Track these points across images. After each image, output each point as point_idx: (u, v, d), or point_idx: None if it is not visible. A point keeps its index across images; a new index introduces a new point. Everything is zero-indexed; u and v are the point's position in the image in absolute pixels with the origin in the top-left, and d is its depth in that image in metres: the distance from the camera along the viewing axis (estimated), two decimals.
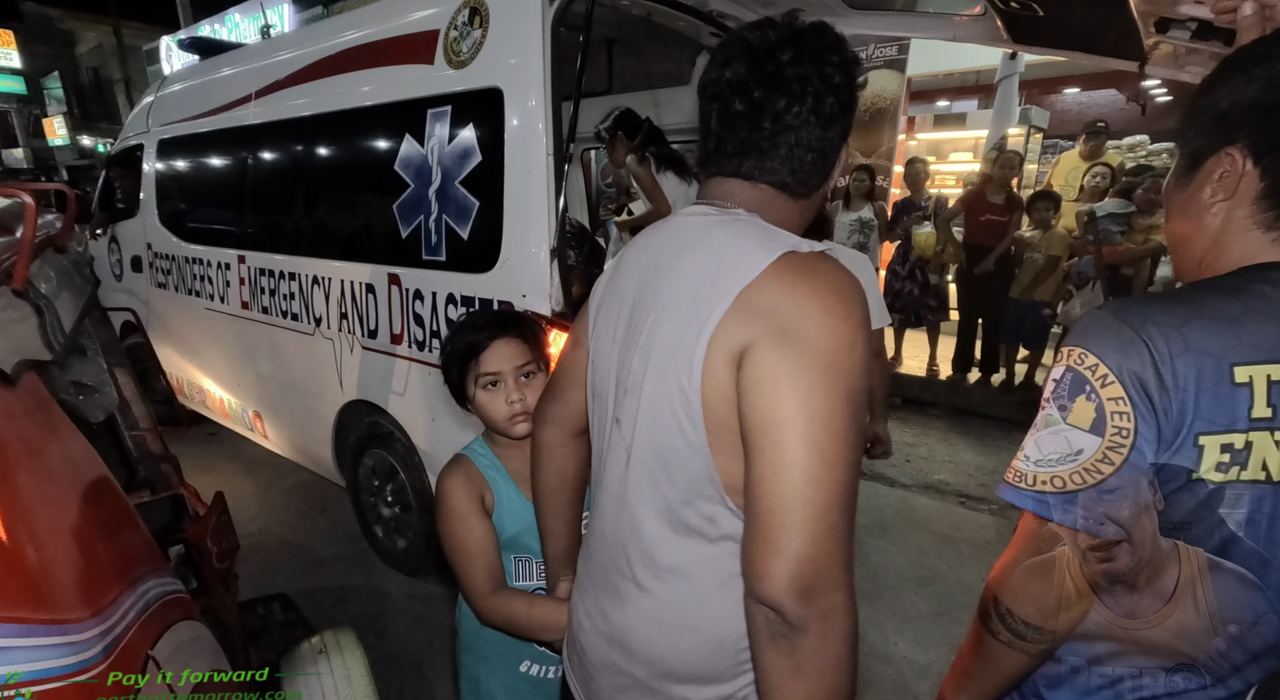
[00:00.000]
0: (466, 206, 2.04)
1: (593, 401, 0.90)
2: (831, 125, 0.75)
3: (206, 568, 1.55)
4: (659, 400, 0.74)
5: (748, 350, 0.67)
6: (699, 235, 0.78)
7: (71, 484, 0.81)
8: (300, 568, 2.81)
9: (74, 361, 1.18)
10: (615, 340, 0.84)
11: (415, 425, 2.38)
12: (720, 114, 0.76)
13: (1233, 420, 0.61)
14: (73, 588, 0.73)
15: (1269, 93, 0.63)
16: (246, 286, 3.04)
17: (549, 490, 1.02)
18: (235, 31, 11.23)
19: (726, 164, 0.79)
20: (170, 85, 3.75)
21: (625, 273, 0.86)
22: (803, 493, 0.62)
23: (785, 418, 0.63)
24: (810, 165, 0.77)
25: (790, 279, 0.68)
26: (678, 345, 0.72)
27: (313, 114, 2.61)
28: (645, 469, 0.77)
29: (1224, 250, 0.69)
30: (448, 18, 2.08)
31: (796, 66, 0.72)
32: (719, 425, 0.70)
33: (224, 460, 3.84)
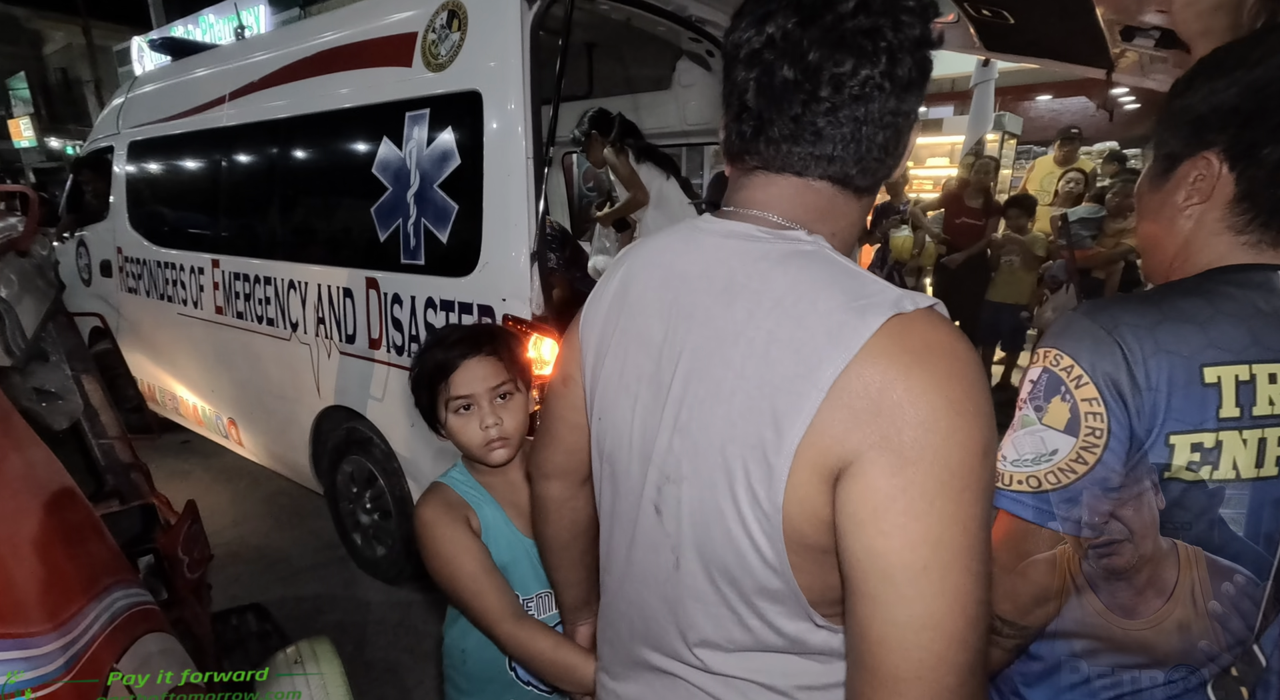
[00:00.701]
0: (445, 210, 2.02)
1: (605, 464, 0.73)
2: (909, 93, 0.57)
3: (177, 578, 1.52)
4: (717, 505, 0.59)
5: (851, 467, 0.51)
6: (751, 274, 0.60)
7: (31, 494, 0.79)
8: (276, 577, 2.76)
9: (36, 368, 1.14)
10: (636, 399, 0.67)
11: (394, 431, 2.35)
12: (761, 85, 0.58)
13: (1202, 420, 0.62)
14: (33, 600, 0.71)
15: (1247, 98, 0.64)
16: (221, 291, 2.98)
17: (560, 545, 0.91)
18: (209, 32, 11.05)
19: (772, 154, 0.60)
20: (142, 86, 3.68)
21: (641, 308, 0.68)
22: (945, 658, 0.49)
23: (918, 568, 0.49)
24: (881, 149, 0.59)
25: (902, 363, 0.51)
26: (748, 443, 0.56)
27: (289, 116, 2.57)
28: (703, 576, 0.62)
29: (1195, 252, 0.70)
30: (426, 20, 2.07)
31: (864, 16, 0.54)
32: (804, 545, 0.56)
33: (197, 468, 3.76)
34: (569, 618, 0.99)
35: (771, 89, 0.57)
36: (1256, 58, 0.64)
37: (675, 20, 2.43)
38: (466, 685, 1.11)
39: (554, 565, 0.94)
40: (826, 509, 0.53)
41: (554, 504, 0.88)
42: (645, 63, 3.07)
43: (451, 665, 1.13)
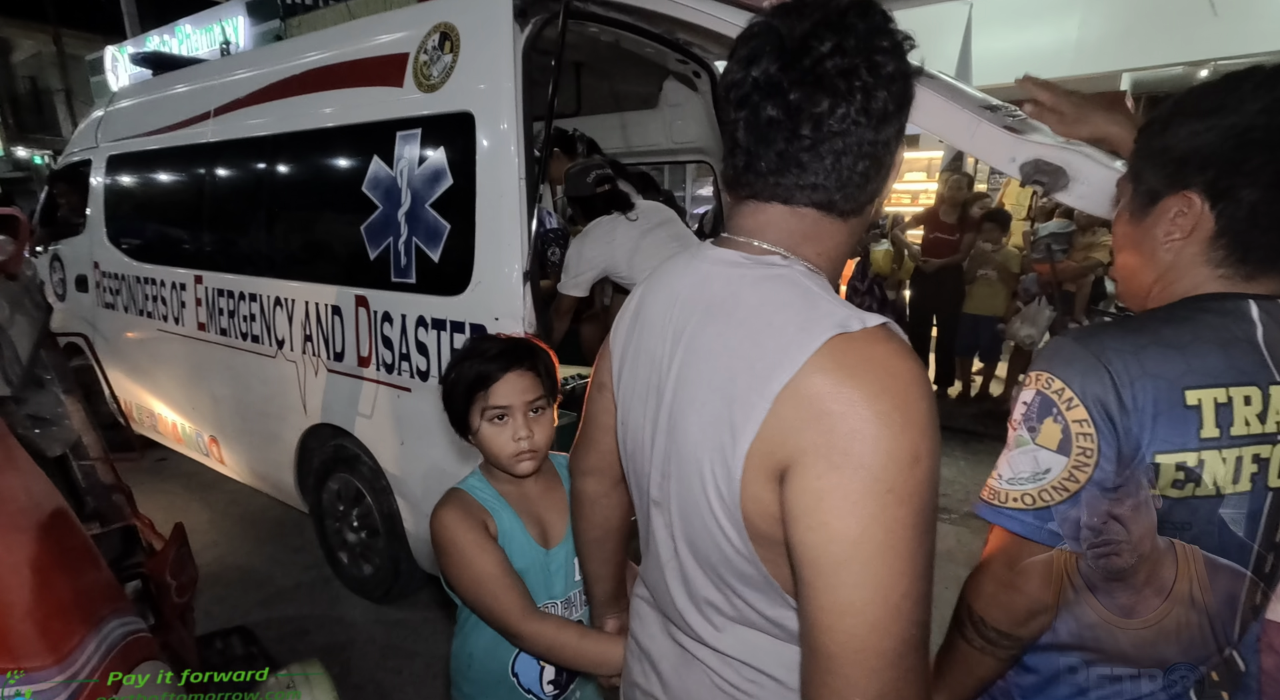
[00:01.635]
0: (437, 229, 2.03)
1: (627, 462, 0.82)
2: (886, 125, 0.61)
3: (165, 603, 1.49)
4: (694, 500, 0.66)
5: (791, 468, 0.57)
6: (727, 295, 0.66)
7: (33, 524, 0.78)
8: (259, 598, 2.71)
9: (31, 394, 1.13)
10: (645, 406, 0.74)
11: (383, 448, 2.33)
12: (749, 123, 0.63)
13: (1185, 440, 0.66)
14: (36, 632, 0.70)
15: (1226, 141, 0.68)
16: (204, 307, 2.94)
17: (593, 540, 0.98)
18: (186, 43, 10.92)
19: (760, 185, 0.65)
20: (122, 100, 3.63)
21: (653, 328, 0.74)
22: (868, 643, 0.54)
23: (841, 559, 0.54)
24: (862, 176, 0.63)
25: (836, 377, 0.56)
26: (712, 446, 0.63)
27: (277, 133, 2.56)
28: (695, 564, 0.70)
29: (1173, 282, 0.74)
30: (418, 41, 2.08)
31: (839, 58, 0.58)
32: (764, 539, 0.62)
33: (175, 486, 3.68)
34: (597, 612, 1.05)
35: (758, 127, 0.63)
36: (1234, 103, 0.69)
37: (662, 42, 2.48)
38: (471, 690, 1.13)
39: (586, 558, 1.01)
40: (775, 505, 0.59)
41: (589, 500, 0.95)
42: (632, 82, 3.12)
43: (458, 670, 1.15)
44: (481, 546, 1.02)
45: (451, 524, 1.03)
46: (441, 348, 2.07)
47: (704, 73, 2.81)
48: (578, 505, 0.98)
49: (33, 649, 0.68)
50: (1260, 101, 0.68)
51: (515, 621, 1.00)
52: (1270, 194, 0.67)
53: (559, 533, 1.12)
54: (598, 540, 0.98)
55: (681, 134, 3.19)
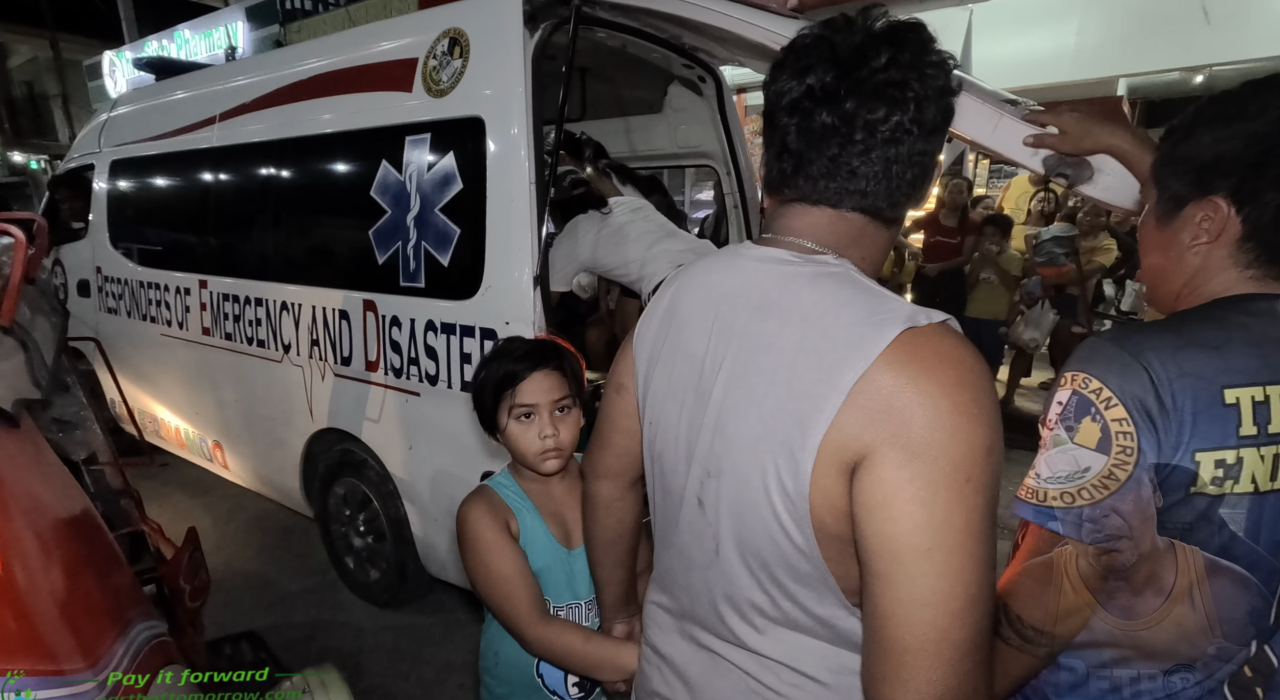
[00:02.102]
0: (447, 233, 2.04)
1: (655, 463, 0.81)
2: (934, 136, 0.65)
3: (179, 608, 1.49)
4: (752, 497, 0.65)
5: (865, 461, 0.57)
6: (783, 292, 0.67)
7: (67, 529, 0.78)
8: (265, 603, 2.70)
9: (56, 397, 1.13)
10: (682, 405, 0.74)
11: (391, 453, 2.33)
12: (801, 129, 0.65)
13: (1225, 438, 0.67)
14: (70, 636, 0.70)
15: (1250, 148, 0.70)
16: (209, 312, 2.94)
17: (606, 543, 0.98)
18: (185, 48, 10.91)
19: (809, 188, 0.67)
20: (125, 105, 3.63)
21: (687, 324, 0.75)
22: (947, 634, 0.54)
23: (922, 549, 0.54)
24: (909, 184, 0.66)
25: (912, 369, 0.57)
26: (777, 441, 0.62)
27: (284, 137, 2.57)
28: (740, 562, 0.69)
29: (1202, 284, 0.76)
30: (427, 47, 2.09)
31: (894, 70, 0.62)
32: (828, 535, 0.62)
33: (177, 491, 3.67)
34: (607, 616, 1.05)
35: (811, 132, 0.65)
36: (1255, 111, 0.71)
37: (669, 47, 2.49)
38: (499, 688, 1.14)
39: (598, 562, 1.01)
40: (844, 500, 0.59)
41: (603, 503, 0.95)
42: (638, 87, 3.13)
43: (485, 668, 1.16)
44: (500, 545, 1.04)
45: (474, 519, 1.06)
46: (451, 352, 2.07)
47: (709, 78, 2.82)
48: (591, 509, 0.97)
49: (68, 652, 0.68)
50: (1277, 112, 0.70)
51: (523, 624, 1.02)
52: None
53: (582, 534, 1.12)
54: (610, 544, 0.98)
55: (686, 138, 3.21)
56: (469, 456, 2.08)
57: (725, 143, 2.99)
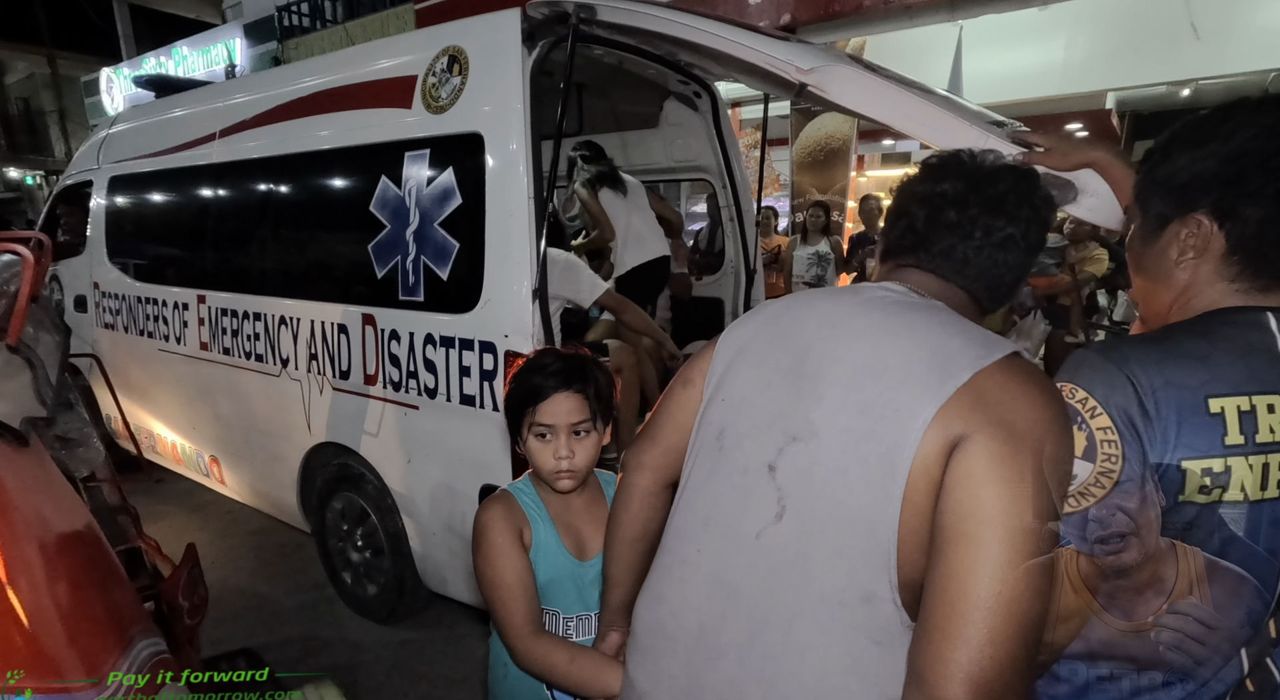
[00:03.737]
0: (446, 248, 2.05)
1: (711, 440, 0.84)
2: (1032, 254, 0.81)
3: (178, 625, 1.48)
4: (851, 460, 0.71)
5: (967, 439, 0.65)
6: (901, 309, 0.78)
7: (73, 546, 0.78)
8: (262, 619, 2.67)
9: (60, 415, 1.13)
10: (770, 385, 0.80)
11: (390, 467, 2.33)
12: (930, 219, 0.81)
13: (1211, 446, 0.68)
14: (76, 653, 0.70)
15: (1226, 166, 0.73)
16: (206, 327, 2.94)
17: (628, 539, 0.98)
18: (183, 65, 10.99)
19: (926, 261, 0.83)
20: (124, 122, 3.66)
21: (795, 322, 0.83)
22: (1022, 599, 0.59)
23: (1012, 514, 0.61)
24: (1007, 285, 0.82)
25: (1020, 378, 0.67)
26: (890, 408, 0.69)
27: (284, 154, 2.59)
28: (803, 527, 0.73)
29: (1191, 299, 0.78)
30: (426, 64, 2.12)
31: (1014, 194, 0.79)
32: (913, 506, 0.67)
33: (174, 508, 3.65)
34: (607, 619, 1.04)
35: (937, 224, 0.82)
36: (1228, 131, 0.74)
37: (665, 64, 2.53)
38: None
39: (615, 557, 1.01)
40: (939, 471, 0.66)
41: (638, 494, 0.97)
42: (634, 102, 3.17)
43: (494, 680, 1.16)
44: (508, 553, 1.06)
45: (490, 522, 1.08)
46: (450, 365, 2.08)
47: (704, 93, 2.86)
48: (625, 500, 0.98)
49: (73, 667, 0.68)
50: (1252, 128, 0.73)
51: (514, 634, 1.04)
52: (1275, 210, 0.72)
53: (596, 546, 1.13)
54: (634, 540, 0.98)
55: (682, 152, 3.24)
56: (468, 470, 2.08)
57: (720, 157, 3.02)
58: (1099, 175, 1.11)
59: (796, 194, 6.52)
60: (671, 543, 0.88)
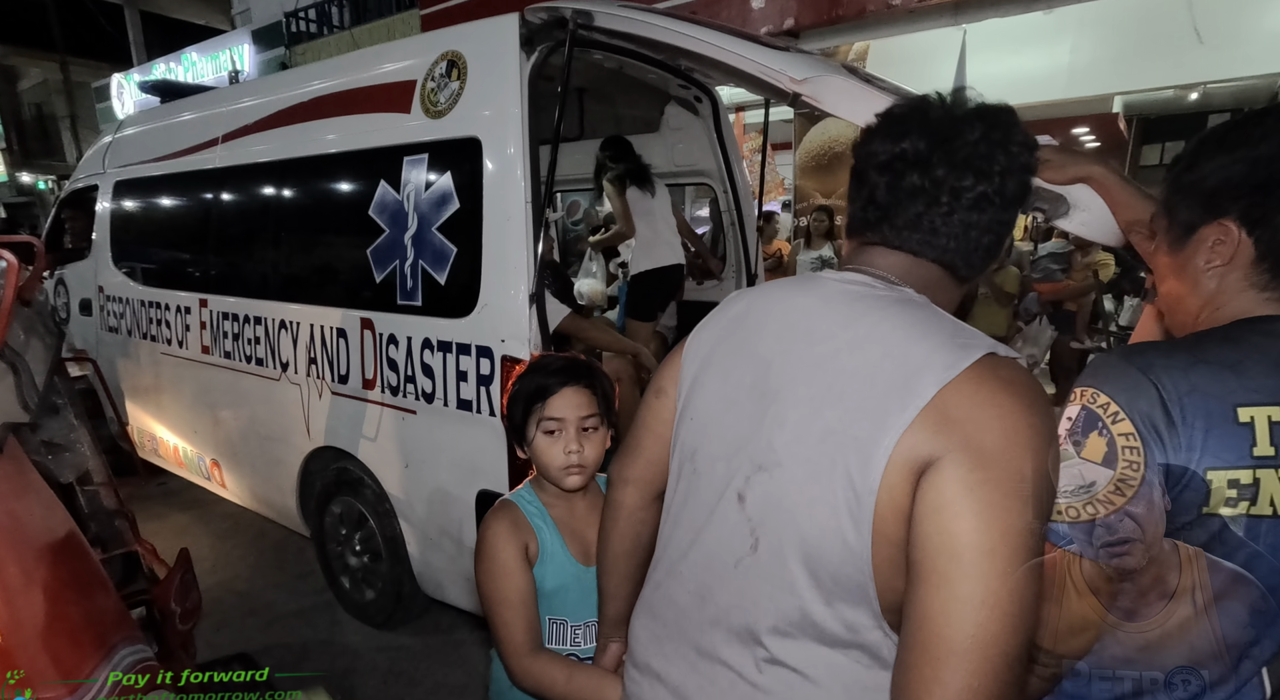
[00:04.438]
0: (444, 252, 2.05)
1: (686, 461, 0.81)
2: (1011, 207, 0.70)
3: (170, 631, 1.48)
4: (816, 492, 0.66)
5: (937, 464, 0.59)
6: (869, 307, 0.70)
7: (52, 552, 0.78)
8: (259, 623, 2.67)
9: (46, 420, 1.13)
10: (733, 403, 0.75)
11: (387, 471, 2.32)
12: (891, 186, 0.71)
13: (1239, 457, 0.66)
14: (51, 660, 0.70)
15: (1256, 172, 0.72)
16: (208, 330, 2.95)
17: (619, 554, 0.96)
18: (192, 70, 11.09)
19: (893, 235, 0.73)
20: (130, 127, 3.68)
21: (759, 329, 0.77)
22: (996, 639, 0.55)
23: (985, 549, 0.56)
24: (986, 248, 0.72)
25: (992, 387, 0.61)
26: (850, 435, 0.64)
27: (285, 158, 2.60)
28: (778, 559, 0.68)
29: (1220, 306, 0.76)
30: (425, 69, 2.12)
31: (985, 145, 0.68)
32: (884, 538, 0.62)
33: (175, 511, 3.65)
34: (605, 631, 1.02)
35: (899, 190, 0.71)
36: (1259, 136, 0.73)
37: (665, 68, 2.53)
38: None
39: (607, 571, 0.99)
40: (907, 501, 0.60)
41: (625, 510, 0.94)
42: (635, 106, 3.17)
43: (497, 692, 1.14)
44: (512, 569, 1.04)
45: (495, 536, 1.06)
46: (447, 370, 2.08)
47: (705, 98, 2.86)
48: (612, 515, 0.96)
49: (49, 676, 0.67)
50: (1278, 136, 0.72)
51: (512, 653, 1.02)
52: None
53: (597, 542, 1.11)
54: (625, 554, 0.96)
55: (683, 157, 3.24)
56: (465, 475, 2.07)
57: (722, 161, 3.02)
58: (1094, 191, 1.09)
59: (800, 198, 6.51)
60: (661, 557, 0.85)
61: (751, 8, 5.05)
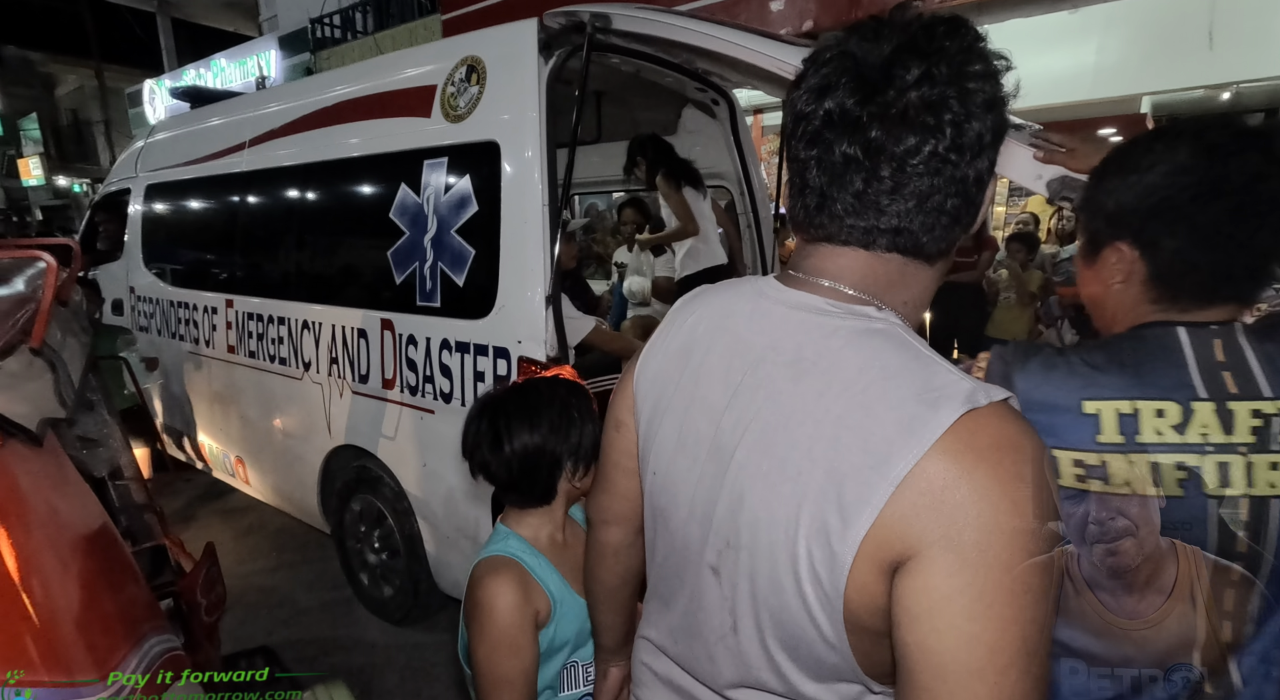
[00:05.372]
0: (462, 254, 2.08)
1: (658, 516, 0.73)
2: (979, 158, 0.55)
3: (195, 623, 1.52)
4: (779, 581, 0.58)
5: (912, 562, 0.51)
6: (820, 351, 0.59)
7: (86, 544, 0.81)
8: (281, 618, 2.73)
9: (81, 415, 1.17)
10: (695, 461, 0.66)
11: (406, 470, 2.36)
12: (821, 162, 0.57)
13: (1079, 441, 0.74)
14: (84, 648, 0.73)
15: (1143, 200, 0.77)
16: (234, 331, 3.02)
17: (611, 588, 0.90)
18: (221, 76, 11.35)
19: (835, 228, 0.59)
20: (160, 132, 3.79)
21: (706, 373, 0.67)
22: None
23: (972, 669, 0.48)
24: (950, 216, 0.57)
25: (968, 462, 0.50)
26: (813, 526, 0.55)
27: (309, 162, 2.66)
28: (759, 644, 0.62)
29: (1122, 316, 0.83)
30: (445, 74, 2.16)
31: (927, 87, 0.52)
32: (861, 629, 0.55)
33: (200, 506, 3.74)
34: (603, 659, 0.98)
35: (832, 166, 0.56)
36: (1148, 164, 0.77)
37: (681, 72, 2.54)
38: None
39: (599, 607, 0.94)
40: (884, 598, 0.53)
41: (612, 550, 0.87)
42: (652, 109, 3.19)
43: None
44: (523, 646, 0.96)
45: (507, 609, 0.96)
46: (465, 370, 2.11)
47: (722, 101, 2.87)
48: (598, 556, 0.89)
49: (81, 664, 0.70)
50: (1164, 166, 0.75)
51: None
52: (1186, 243, 0.75)
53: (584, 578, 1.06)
54: (616, 589, 0.91)
55: (700, 159, 3.25)
56: None
57: (739, 164, 3.02)
58: None
59: None
60: (653, 596, 0.79)
61: (770, 10, 5.04)
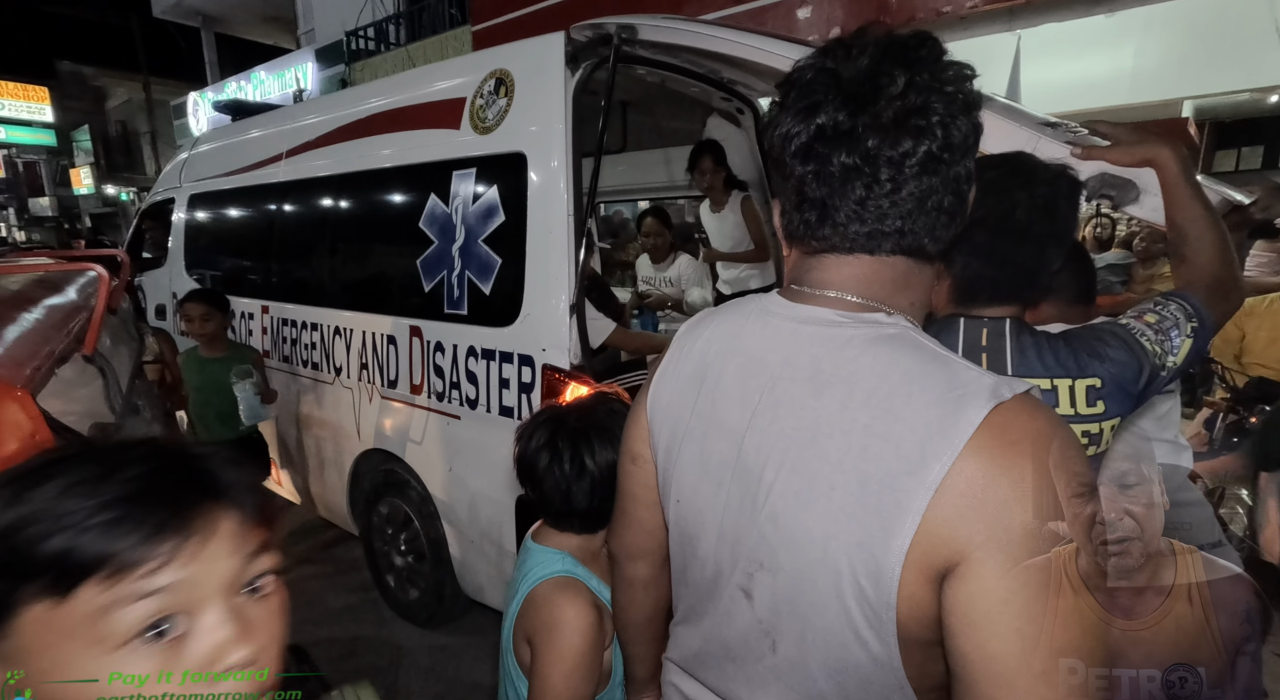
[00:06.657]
0: (489, 263, 2.12)
1: (685, 544, 0.72)
2: (967, 156, 0.59)
3: None
4: (820, 600, 0.57)
5: (961, 567, 0.50)
6: (837, 362, 0.59)
7: None
8: (308, 618, 2.78)
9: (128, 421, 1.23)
10: (720, 486, 0.65)
11: (432, 474, 2.40)
12: (820, 175, 0.59)
13: None
14: None
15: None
16: (269, 335, 3.11)
17: (642, 621, 0.89)
18: (260, 88, 11.72)
19: (838, 237, 0.61)
20: (203, 144, 3.93)
21: (721, 395, 0.67)
22: None
23: (1036, 672, 0.48)
24: (948, 213, 0.60)
25: (1005, 458, 0.50)
26: (853, 540, 0.54)
27: (343, 173, 2.73)
28: (799, 666, 0.61)
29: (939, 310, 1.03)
30: (474, 86, 2.21)
31: (913, 93, 0.55)
32: (911, 642, 0.55)
33: None
34: (635, 690, 0.97)
35: (830, 177, 0.58)
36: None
37: (707, 82, 2.55)
38: None
39: (630, 641, 0.93)
40: (934, 607, 0.52)
41: (641, 585, 0.87)
42: (677, 119, 3.21)
43: None
44: (595, 670, 0.95)
45: (585, 627, 0.93)
46: (490, 377, 2.14)
47: (747, 109, 2.87)
48: (628, 591, 0.88)
49: None
50: None
51: None
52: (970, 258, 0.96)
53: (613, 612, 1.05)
54: (648, 621, 0.89)
55: None
56: (506, 480, 2.13)
57: (764, 173, 3.02)
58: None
59: None
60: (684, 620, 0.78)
61: (797, 18, 5.04)
